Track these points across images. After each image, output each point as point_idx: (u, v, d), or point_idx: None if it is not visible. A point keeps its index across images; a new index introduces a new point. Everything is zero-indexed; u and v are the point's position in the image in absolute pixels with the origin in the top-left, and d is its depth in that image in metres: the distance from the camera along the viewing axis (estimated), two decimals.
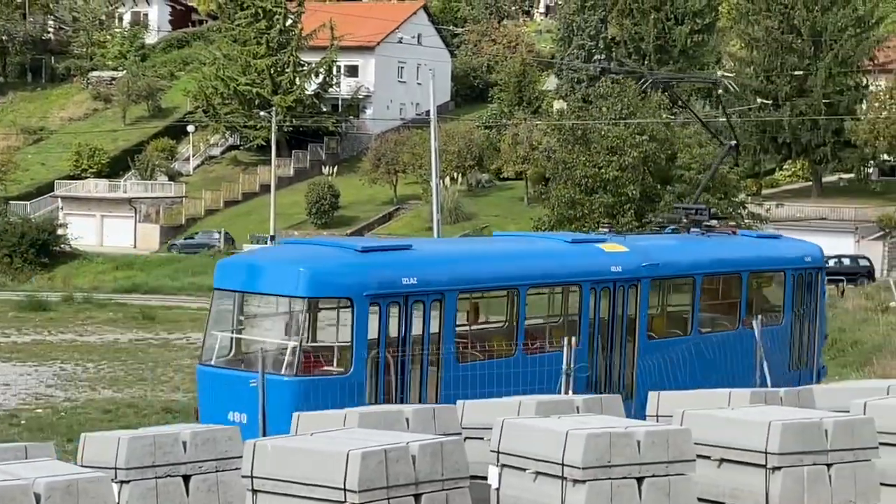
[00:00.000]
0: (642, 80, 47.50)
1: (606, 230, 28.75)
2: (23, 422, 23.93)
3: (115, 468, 12.00)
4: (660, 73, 49.53)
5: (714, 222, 27.10)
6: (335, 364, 18.74)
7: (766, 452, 12.03)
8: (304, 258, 19.61)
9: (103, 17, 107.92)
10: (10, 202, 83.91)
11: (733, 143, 34.56)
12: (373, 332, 18.67)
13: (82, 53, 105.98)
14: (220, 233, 78.81)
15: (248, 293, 19.48)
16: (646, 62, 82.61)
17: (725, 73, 79.73)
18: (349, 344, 18.63)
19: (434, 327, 19.46)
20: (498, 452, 12.34)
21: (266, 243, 75.38)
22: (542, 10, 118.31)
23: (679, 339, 23.19)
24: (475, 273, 21.00)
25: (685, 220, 27.08)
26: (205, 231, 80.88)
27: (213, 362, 19.36)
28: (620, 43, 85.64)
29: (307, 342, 18.69)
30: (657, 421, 14.62)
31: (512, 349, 20.74)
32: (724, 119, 73.97)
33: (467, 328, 20.76)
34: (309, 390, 18.22)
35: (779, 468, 12.01)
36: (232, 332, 19.47)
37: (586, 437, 11.36)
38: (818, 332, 26.77)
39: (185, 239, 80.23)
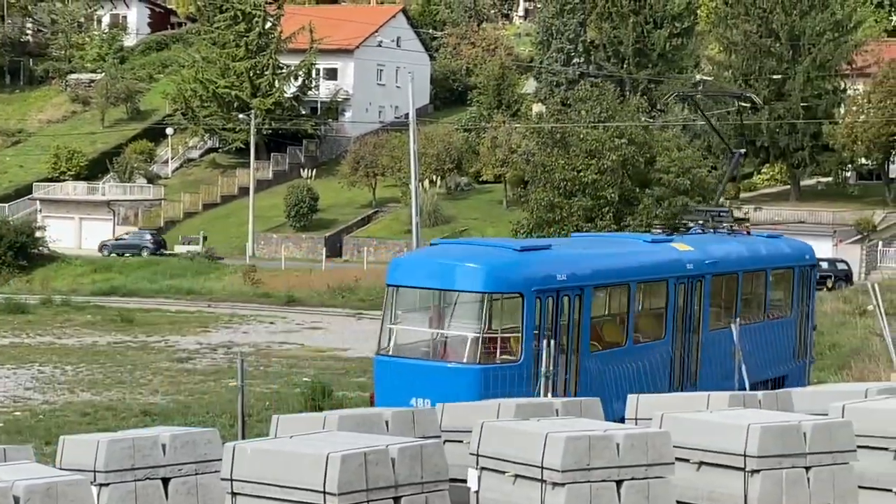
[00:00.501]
0: (671, 94, 47.55)
1: (660, 230, 30.47)
2: (0, 424, 23.86)
3: (95, 471, 11.98)
4: (695, 91, 46.86)
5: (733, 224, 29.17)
6: (508, 353, 20.78)
7: (744, 455, 12.08)
8: (479, 257, 21.69)
9: (82, 20, 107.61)
10: None
11: (742, 151, 36.59)
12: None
13: (61, 56, 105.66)
14: (200, 236, 78.68)
15: (427, 289, 21.33)
16: (625, 66, 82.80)
17: (704, 77, 79.99)
18: (519, 335, 20.57)
19: (575, 319, 21.61)
20: (477, 455, 12.37)
21: (197, 244, 75.65)
22: (521, 13, 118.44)
23: (728, 331, 24.39)
24: (604, 269, 23.04)
25: (711, 222, 28.88)
26: (136, 232, 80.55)
27: (391, 353, 21.34)
28: (599, 46, 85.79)
29: (485, 333, 20.60)
30: (636, 424, 14.66)
31: (623, 339, 22.85)
32: (704, 123, 74.34)
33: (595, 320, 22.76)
34: (489, 377, 20.19)
35: (757, 471, 12.06)
36: (393, 325, 21.68)
37: (565, 439, 11.39)
38: (811, 324, 28.77)
39: (117, 240, 79.93)
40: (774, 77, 74.07)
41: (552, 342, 20.73)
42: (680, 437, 12.41)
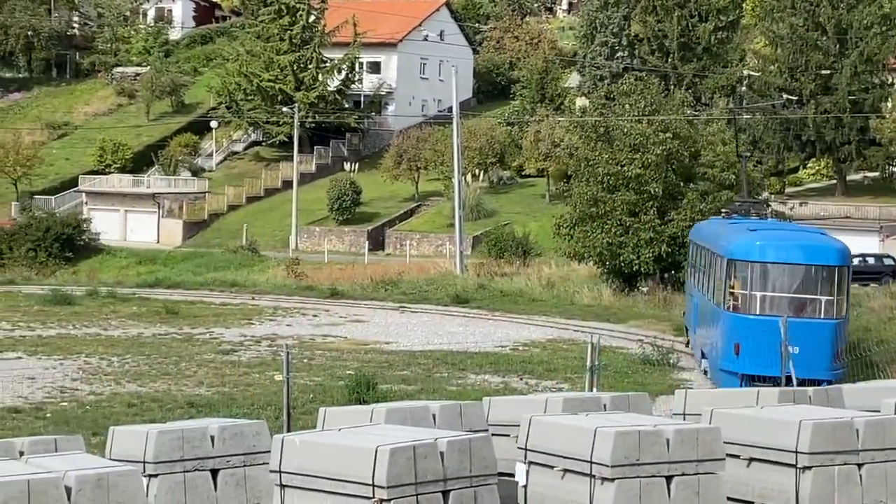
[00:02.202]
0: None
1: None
2: (48, 415, 23.99)
3: (144, 462, 12.04)
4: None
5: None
6: (840, 312, 28.46)
7: (796, 452, 11.99)
8: (824, 239, 30.64)
9: (128, 13, 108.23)
10: (35, 197, 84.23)
11: (747, 154, 40.86)
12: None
13: (107, 49, 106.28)
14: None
15: (792, 264, 28.52)
16: (669, 59, 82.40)
17: (750, 71, 79.53)
18: (843, 298, 28.56)
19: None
20: (526, 450, 12.34)
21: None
22: (564, 6, 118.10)
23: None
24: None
25: (753, 213, 35.51)
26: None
27: (759, 312, 28.14)
28: (644, 40, 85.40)
29: (836, 296, 28.33)
30: (685, 419, 14.59)
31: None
32: (749, 117, 73.92)
33: None
34: (838, 329, 28.23)
35: (809, 468, 11.97)
36: (757, 292, 28.67)
37: (615, 434, 11.34)
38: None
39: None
40: (821, 71, 73.50)
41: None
42: (730, 433, 12.34)
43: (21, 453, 12.09)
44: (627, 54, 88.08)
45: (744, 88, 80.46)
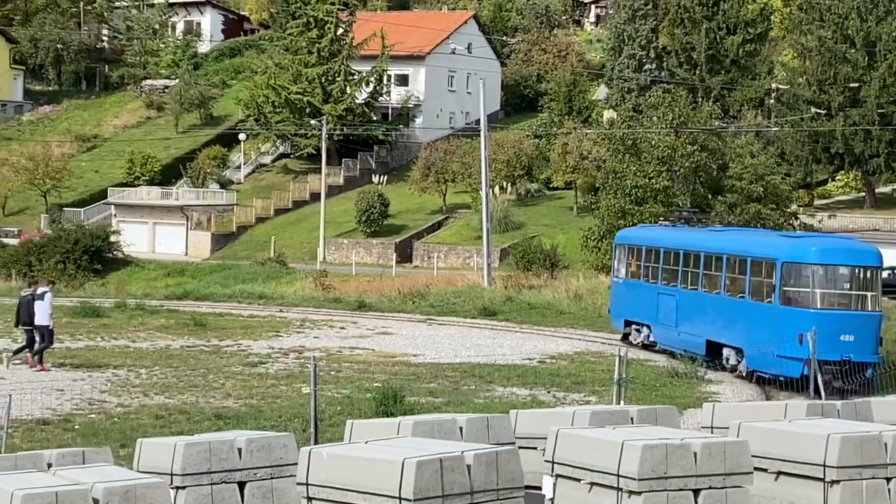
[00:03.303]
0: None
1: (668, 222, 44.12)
2: (76, 427, 24.05)
3: (172, 474, 12.08)
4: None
5: None
6: (877, 306, 33.58)
7: (824, 466, 11.94)
8: (862, 245, 36.45)
9: (157, 27, 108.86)
10: (65, 209, 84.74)
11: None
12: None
13: (136, 62, 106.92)
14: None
15: (841, 265, 33.31)
16: (697, 72, 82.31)
17: (778, 84, 79.35)
18: (878, 294, 33.72)
19: None
20: (553, 462, 12.33)
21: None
22: (592, 19, 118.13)
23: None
24: None
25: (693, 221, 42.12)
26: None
27: (818, 307, 32.63)
28: (671, 52, 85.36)
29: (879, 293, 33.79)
30: (713, 433, 14.55)
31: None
32: (777, 129, 73.73)
33: None
34: (880, 321, 33.49)
35: (837, 482, 11.92)
36: (819, 290, 32.96)
37: (642, 447, 11.32)
38: None
39: None
40: (850, 84, 73.25)
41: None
42: (758, 446, 12.30)
43: (49, 465, 12.15)
44: (655, 67, 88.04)
45: (772, 101, 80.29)
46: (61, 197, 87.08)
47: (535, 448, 14.15)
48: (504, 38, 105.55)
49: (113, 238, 76.73)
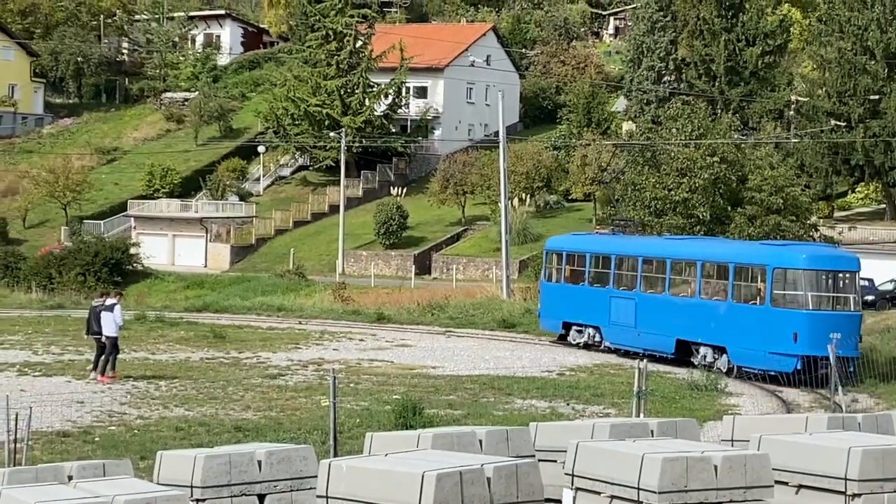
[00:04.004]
0: None
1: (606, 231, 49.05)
2: (96, 439, 24.09)
3: (192, 486, 12.09)
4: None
5: None
6: (859, 308, 37.44)
7: (845, 479, 11.89)
8: (844, 252, 41.11)
9: (176, 39, 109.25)
10: (85, 221, 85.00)
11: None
12: None
13: (156, 75, 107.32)
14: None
15: (831, 270, 36.47)
16: (716, 83, 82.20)
17: (797, 96, 79.18)
18: (858, 296, 37.18)
19: None
20: (572, 475, 12.30)
21: None
22: (611, 31, 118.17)
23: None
24: None
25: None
26: None
27: (810, 308, 35.79)
28: (690, 64, 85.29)
29: (857, 294, 37.03)
30: (733, 446, 14.50)
31: None
32: (797, 141, 73.54)
33: None
34: (861, 320, 36.87)
35: (858, 495, 11.86)
36: (811, 293, 36.17)
37: (662, 460, 11.29)
38: None
39: None
40: (870, 95, 73.06)
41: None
42: (779, 459, 12.26)
43: (70, 477, 12.17)
44: (674, 78, 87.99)
45: (792, 113, 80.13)
46: (81, 209, 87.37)
47: (555, 461, 14.12)
48: (523, 50, 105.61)
49: (132, 250, 76.94)
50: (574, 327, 44.66)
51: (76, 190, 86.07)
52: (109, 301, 33.21)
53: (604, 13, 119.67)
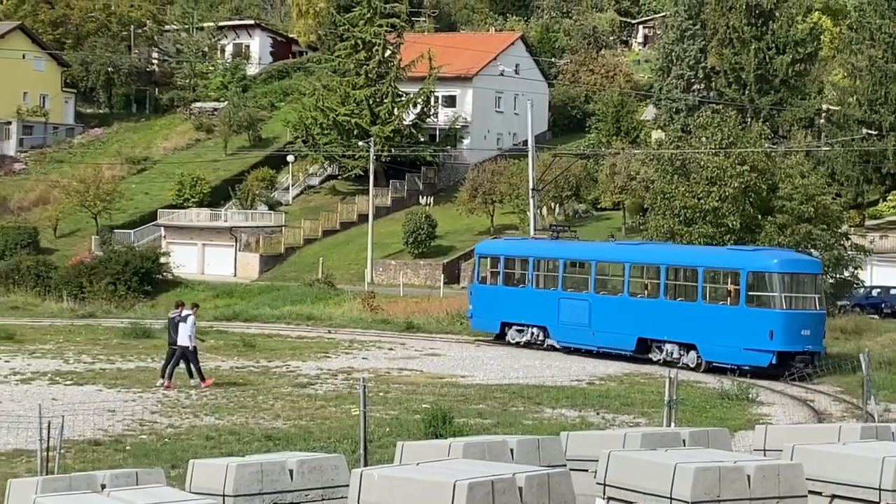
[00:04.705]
0: None
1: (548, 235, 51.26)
2: (128, 447, 24.17)
3: (224, 495, 12.11)
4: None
5: None
6: (823, 306, 40.64)
7: (879, 489, 11.81)
8: (810, 257, 44.80)
9: (206, 49, 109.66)
10: (115, 231, 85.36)
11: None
12: None
13: (185, 85, 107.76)
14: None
15: (802, 273, 40.23)
16: (746, 92, 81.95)
17: (828, 104, 78.86)
18: (823, 296, 41.27)
19: None
20: (605, 485, 12.26)
21: None
22: (640, 40, 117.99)
23: None
24: None
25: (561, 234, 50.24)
26: None
27: (787, 307, 39.08)
28: (720, 72, 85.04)
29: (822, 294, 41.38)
30: (766, 455, 14.43)
31: None
32: (828, 149, 73.23)
33: None
34: (826, 318, 40.91)
35: None
36: (785, 294, 39.57)
37: (695, 470, 11.24)
38: None
39: None
40: None
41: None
42: (812, 469, 12.19)
43: (103, 486, 12.20)
44: (704, 87, 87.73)
45: (822, 121, 79.79)
46: (112, 219, 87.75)
47: (587, 470, 14.08)
48: (552, 59, 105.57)
49: (162, 259, 77.23)
50: (514, 327, 47.30)
51: (107, 199, 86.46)
52: (184, 312, 33.93)
53: (633, 22, 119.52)
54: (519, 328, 47.32)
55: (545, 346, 46.15)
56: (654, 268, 43.18)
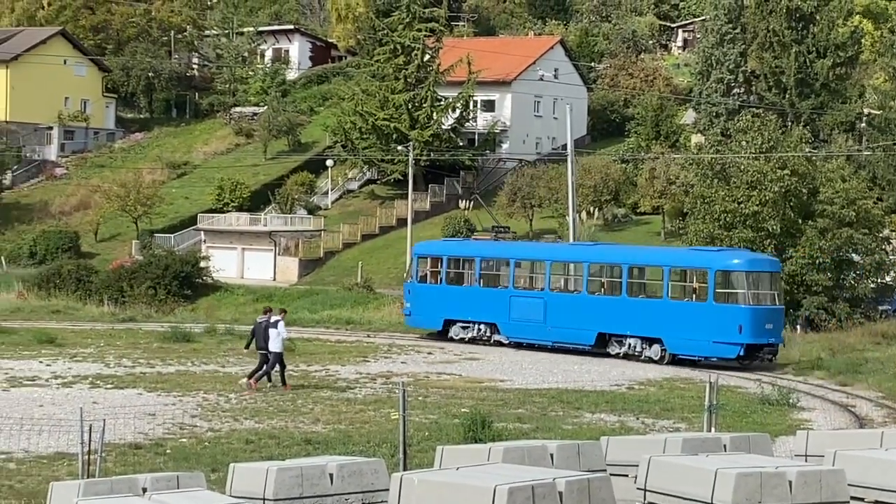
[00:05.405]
0: None
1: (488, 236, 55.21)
2: (168, 451, 24.27)
3: (264, 499, 12.15)
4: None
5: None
6: (783, 302, 44.62)
7: None
8: (767, 255, 47.35)
9: (246, 54, 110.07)
10: (155, 235, 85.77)
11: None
12: None
13: (225, 89, 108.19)
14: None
15: (766, 272, 43.58)
16: (786, 96, 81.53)
17: (869, 108, 78.36)
18: (782, 293, 45.47)
19: None
20: (645, 490, 12.23)
21: None
22: (679, 43, 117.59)
23: None
24: None
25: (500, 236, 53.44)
26: None
27: (754, 303, 42.06)
28: (760, 76, 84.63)
29: (781, 291, 44.82)
30: (807, 461, 14.34)
31: None
32: (869, 153, 72.74)
33: None
34: (784, 312, 44.98)
35: None
36: (754, 291, 42.67)
37: (737, 476, 11.19)
38: None
39: None
40: None
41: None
42: (854, 475, 12.10)
43: (144, 490, 12.25)
44: (744, 91, 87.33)
45: (863, 125, 79.27)
46: (152, 223, 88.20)
47: (627, 475, 14.04)
48: (591, 63, 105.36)
49: (202, 264, 77.48)
50: (458, 324, 49.54)
51: (147, 204, 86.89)
52: (274, 318, 34.37)
53: (672, 25, 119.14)
54: (464, 325, 49.41)
55: (491, 341, 48.28)
56: (616, 267, 45.79)
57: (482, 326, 49.00)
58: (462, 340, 49.09)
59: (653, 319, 43.74)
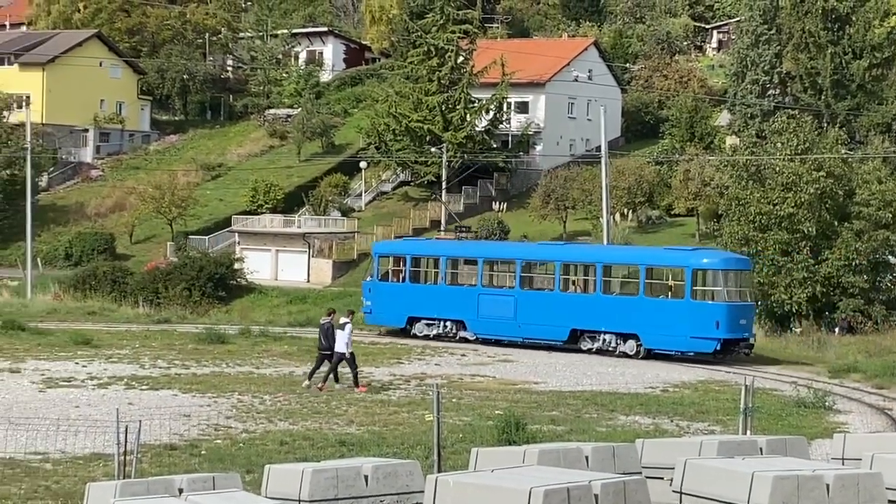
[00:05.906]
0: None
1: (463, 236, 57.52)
2: (203, 452, 24.34)
3: (300, 500, 12.17)
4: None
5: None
6: (755, 299, 48.05)
7: None
8: (738, 254, 48.70)
9: (280, 56, 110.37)
10: (190, 237, 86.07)
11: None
12: None
13: (259, 91, 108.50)
14: None
15: (736, 270, 45.05)
16: (822, 97, 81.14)
17: None
18: (753, 289, 48.65)
19: None
20: (681, 493, 12.18)
21: None
22: (714, 45, 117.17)
23: None
24: None
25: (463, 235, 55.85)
26: None
27: (729, 300, 43.90)
28: (796, 78, 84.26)
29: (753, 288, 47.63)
30: (843, 464, 14.26)
31: None
32: None
33: None
34: (755, 308, 48.26)
35: None
36: (727, 288, 44.40)
37: (773, 479, 11.13)
38: None
39: None
40: None
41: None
42: (892, 478, 12.02)
43: (180, 490, 12.29)
44: (779, 92, 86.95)
45: None
46: (186, 225, 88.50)
47: (662, 478, 13.99)
48: (625, 64, 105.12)
49: (237, 265, 77.70)
50: (423, 321, 50.69)
51: (181, 206, 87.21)
52: (342, 320, 35.14)
53: (707, 27, 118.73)
54: (428, 322, 50.62)
55: (457, 338, 49.56)
56: (589, 266, 47.22)
57: (448, 323, 50.16)
58: (426, 337, 50.22)
59: (628, 316, 45.07)
